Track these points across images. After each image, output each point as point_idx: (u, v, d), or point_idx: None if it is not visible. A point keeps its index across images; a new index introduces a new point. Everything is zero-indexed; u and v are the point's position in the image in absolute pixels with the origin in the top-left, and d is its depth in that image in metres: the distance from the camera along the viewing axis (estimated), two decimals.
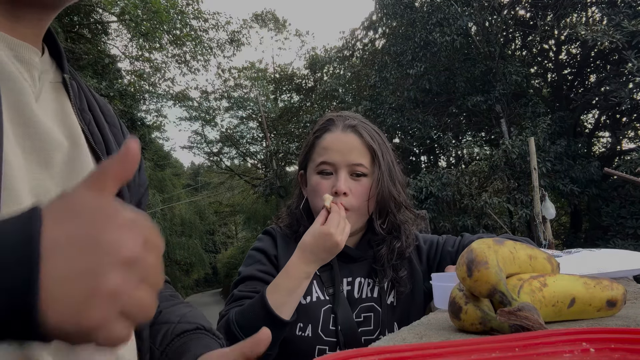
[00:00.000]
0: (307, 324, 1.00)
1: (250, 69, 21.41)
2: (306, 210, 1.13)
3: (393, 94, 11.24)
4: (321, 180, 1.06)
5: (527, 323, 0.49)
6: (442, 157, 12.92)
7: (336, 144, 1.06)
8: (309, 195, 1.10)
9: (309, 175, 1.11)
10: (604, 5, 9.18)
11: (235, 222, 30.97)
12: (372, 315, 1.04)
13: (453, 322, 0.61)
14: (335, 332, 0.99)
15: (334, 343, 0.99)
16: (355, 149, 1.05)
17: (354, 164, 1.05)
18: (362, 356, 0.39)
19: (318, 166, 1.07)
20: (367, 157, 1.06)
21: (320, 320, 1.00)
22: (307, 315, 1.00)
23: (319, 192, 1.05)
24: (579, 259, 0.98)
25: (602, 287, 0.62)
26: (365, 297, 1.06)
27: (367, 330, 1.02)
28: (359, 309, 1.04)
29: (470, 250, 0.57)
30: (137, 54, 14.88)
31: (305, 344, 0.98)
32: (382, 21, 12.42)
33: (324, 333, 0.99)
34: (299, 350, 0.98)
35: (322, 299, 1.03)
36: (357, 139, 1.06)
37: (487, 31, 10.20)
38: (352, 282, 1.07)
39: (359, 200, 1.04)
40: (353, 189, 1.04)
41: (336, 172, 1.05)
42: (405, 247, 1.08)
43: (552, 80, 11.87)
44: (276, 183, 14.80)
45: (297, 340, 0.99)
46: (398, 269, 1.08)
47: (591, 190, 9.16)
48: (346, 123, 1.08)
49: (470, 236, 1.15)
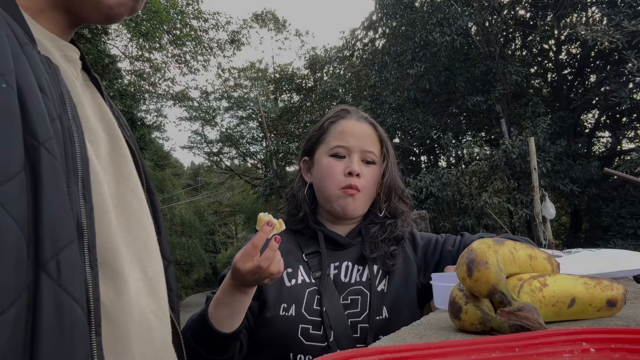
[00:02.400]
0: (290, 305, 1.02)
1: (250, 69, 21.40)
2: (309, 196, 1.16)
3: (393, 94, 11.24)
4: (335, 161, 1.11)
5: (527, 323, 0.49)
6: (442, 157, 12.92)
7: (352, 130, 1.13)
8: (319, 177, 1.13)
9: (319, 158, 1.14)
10: (604, 5, 9.18)
11: (235, 222, 30.95)
12: (360, 298, 1.05)
13: (453, 322, 0.61)
14: (319, 312, 1.01)
15: (317, 322, 1.00)
16: (368, 137, 1.13)
17: (367, 150, 1.12)
18: (363, 356, 0.39)
19: (332, 149, 1.12)
20: (377, 147, 1.14)
21: (304, 300, 1.03)
22: (291, 297, 1.03)
23: (332, 172, 1.09)
24: (579, 259, 0.98)
25: (602, 287, 0.62)
26: (354, 281, 1.07)
27: (354, 312, 1.03)
28: (346, 292, 1.05)
29: (470, 250, 0.57)
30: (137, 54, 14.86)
31: (289, 323, 1.00)
32: (382, 21, 12.41)
33: (308, 312, 1.01)
34: (283, 329, 1.00)
35: (307, 282, 1.06)
36: (370, 129, 1.15)
37: (487, 31, 10.21)
38: (339, 266, 1.09)
39: (368, 184, 1.11)
40: (364, 172, 1.10)
41: (349, 156, 1.11)
42: (398, 227, 1.12)
43: (552, 80, 11.87)
44: (276, 183, 14.80)
45: (280, 320, 1.01)
46: (388, 244, 1.11)
47: (591, 190, 9.16)
48: (360, 114, 1.18)
49: (470, 235, 1.15)
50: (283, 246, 1.04)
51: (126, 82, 14.58)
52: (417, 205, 8.84)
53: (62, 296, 0.48)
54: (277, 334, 1.01)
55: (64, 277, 0.48)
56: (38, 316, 0.45)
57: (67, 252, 0.49)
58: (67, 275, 0.49)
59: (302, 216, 1.14)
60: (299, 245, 1.13)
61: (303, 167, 1.20)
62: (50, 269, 0.47)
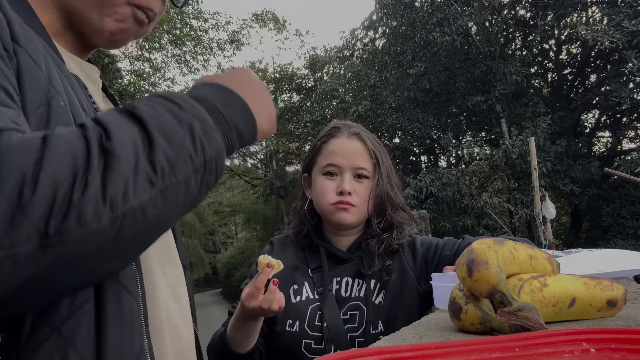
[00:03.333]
0: (295, 321, 1.10)
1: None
2: (310, 212, 1.21)
3: (393, 94, 11.24)
4: (327, 180, 1.15)
5: (527, 323, 0.49)
6: (442, 157, 12.93)
7: (342, 149, 1.16)
8: (315, 195, 1.18)
9: (314, 177, 1.19)
10: (604, 5, 9.19)
11: (235, 222, 30.95)
12: (357, 314, 1.10)
13: (453, 322, 0.61)
14: (320, 327, 1.08)
15: (319, 337, 1.08)
16: (359, 154, 1.16)
17: (358, 167, 1.15)
18: (363, 356, 0.39)
19: (324, 168, 1.16)
20: (369, 162, 1.16)
21: (307, 317, 1.10)
22: (296, 313, 1.11)
23: (325, 191, 1.15)
24: (579, 259, 0.98)
25: (603, 287, 0.62)
26: (353, 296, 1.13)
27: (352, 327, 1.09)
28: (346, 307, 1.11)
29: (470, 250, 0.57)
30: (137, 54, 14.86)
31: (294, 338, 1.09)
32: (382, 21, 12.41)
33: (310, 328, 1.09)
34: (288, 343, 1.09)
35: (310, 298, 1.13)
36: (361, 145, 1.17)
37: (487, 31, 10.21)
38: (340, 281, 1.15)
39: (361, 200, 1.14)
40: (356, 189, 1.14)
41: (341, 174, 1.15)
42: (394, 240, 1.15)
43: (552, 80, 11.87)
44: (276, 183, 14.80)
45: (286, 334, 1.10)
46: (384, 258, 1.14)
47: (591, 190, 9.16)
48: (351, 131, 1.19)
49: (470, 238, 1.15)
50: (290, 262, 1.16)
51: (126, 82, 14.56)
52: (417, 205, 8.84)
53: (121, 291, 0.54)
54: (283, 347, 1.10)
55: (121, 274, 0.54)
56: (103, 307, 0.52)
57: None
58: (124, 271, 0.54)
59: (306, 232, 1.20)
60: (305, 260, 1.19)
61: (304, 183, 1.25)
62: None
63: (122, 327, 0.53)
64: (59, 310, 0.48)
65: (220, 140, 0.53)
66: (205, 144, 0.50)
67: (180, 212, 0.50)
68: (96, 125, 0.45)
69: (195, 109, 0.52)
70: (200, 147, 0.50)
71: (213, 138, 0.52)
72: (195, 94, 0.56)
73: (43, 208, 0.39)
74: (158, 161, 0.45)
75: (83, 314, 0.49)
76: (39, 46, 0.53)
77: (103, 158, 0.42)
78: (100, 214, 0.41)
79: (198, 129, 0.50)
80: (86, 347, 0.49)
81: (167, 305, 0.64)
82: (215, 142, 0.52)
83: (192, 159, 0.48)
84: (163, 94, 0.53)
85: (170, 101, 0.51)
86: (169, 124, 0.48)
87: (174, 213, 0.48)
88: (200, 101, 0.54)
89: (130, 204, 0.43)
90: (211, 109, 0.54)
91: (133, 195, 0.43)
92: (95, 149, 0.42)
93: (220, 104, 0.56)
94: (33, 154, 0.40)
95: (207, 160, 0.50)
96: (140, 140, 0.45)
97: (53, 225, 0.39)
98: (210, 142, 0.51)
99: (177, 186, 0.47)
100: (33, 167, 0.39)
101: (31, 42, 0.52)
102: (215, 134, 0.52)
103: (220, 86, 0.59)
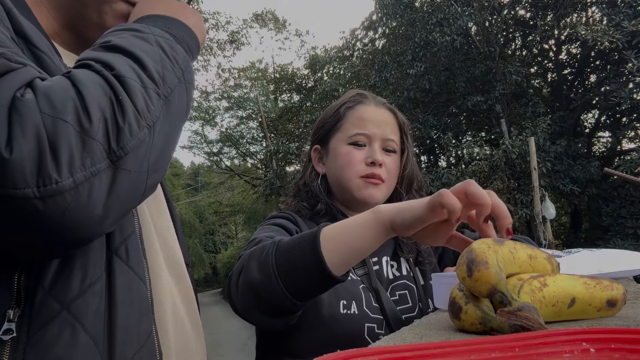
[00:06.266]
0: (350, 302, 0.91)
1: (250, 69, 21.39)
2: (324, 187, 1.07)
3: (393, 94, 11.23)
4: (354, 150, 1.03)
5: (527, 323, 0.49)
6: (442, 157, 12.92)
7: (372, 116, 1.05)
8: (336, 166, 1.05)
9: (336, 146, 1.06)
10: (604, 5, 9.19)
11: (235, 222, 30.94)
12: (407, 293, 0.99)
13: (453, 322, 0.61)
14: (378, 309, 0.93)
15: (380, 320, 0.92)
16: (389, 124, 1.06)
17: (388, 138, 1.05)
18: (363, 356, 0.39)
19: (352, 137, 1.03)
20: (397, 135, 1.07)
21: (363, 297, 0.93)
22: (348, 292, 0.91)
23: (353, 161, 1.02)
24: (579, 259, 0.98)
25: (603, 287, 0.62)
26: (394, 276, 1.02)
27: (406, 308, 0.97)
28: (390, 288, 1.00)
29: (470, 250, 0.57)
30: None
31: (354, 322, 0.89)
32: (382, 21, 12.41)
33: (370, 310, 0.92)
34: (348, 329, 0.88)
35: (355, 279, 0.96)
36: (390, 116, 1.08)
37: (487, 31, 10.20)
38: (379, 261, 1.02)
39: (390, 175, 1.04)
40: (386, 162, 1.04)
41: (370, 145, 1.03)
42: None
43: (552, 80, 11.86)
44: (276, 183, 14.79)
45: (342, 319, 0.89)
46: (419, 244, 1.06)
47: (591, 190, 9.15)
48: (378, 99, 1.09)
49: (470, 233, 1.14)
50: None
51: None
52: None
53: (131, 275, 0.57)
54: (341, 333, 0.88)
55: (131, 259, 0.58)
56: (113, 290, 0.55)
57: (131, 240, 0.59)
58: (134, 258, 0.58)
59: (325, 208, 1.04)
60: None
61: (314, 156, 1.12)
62: (121, 253, 0.57)
63: (132, 309, 0.56)
64: (69, 288, 0.51)
65: (183, 51, 0.58)
66: (176, 55, 0.56)
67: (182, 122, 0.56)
68: (93, 62, 0.48)
69: (151, 29, 0.57)
70: (174, 59, 0.55)
71: (179, 49, 0.57)
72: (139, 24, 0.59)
73: (102, 129, 0.44)
74: (153, 76, 0.51)
75: (93, 294, 0.52)
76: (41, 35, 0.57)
77: (119, 81, 0.47)
78: (140, 124, 0.47)
79: (165, 44, 0.55)
80: (95, 325, 0.51)
81: (173, 298, 0.67)
82: (181, 53, 0.57)
83: (173, 70, 0.54)
84: (117, 27, 0.57)
85: (130, 30, 0.56)
86: (143, 46, 0.53)
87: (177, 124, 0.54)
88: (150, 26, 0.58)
89: (153, 114, 0.49)
90: (160, 28, 0.58)
91: (153, 107, 0.49)
92: (109, 76, 0.47)
93: (161, 25, 0.59)
94: (71, 89, 0.45)
95: (184, 69, 0.56)
96: (132, 63, 0.50)
97: (113, 141, 0.45)
98: (178, 54, 0.56)
99: (172, 95, 0.52)
100: (78, 99, 0.44)
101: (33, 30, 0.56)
102: (177, 47, 0.57)
103: (152, 15, 0.62)
